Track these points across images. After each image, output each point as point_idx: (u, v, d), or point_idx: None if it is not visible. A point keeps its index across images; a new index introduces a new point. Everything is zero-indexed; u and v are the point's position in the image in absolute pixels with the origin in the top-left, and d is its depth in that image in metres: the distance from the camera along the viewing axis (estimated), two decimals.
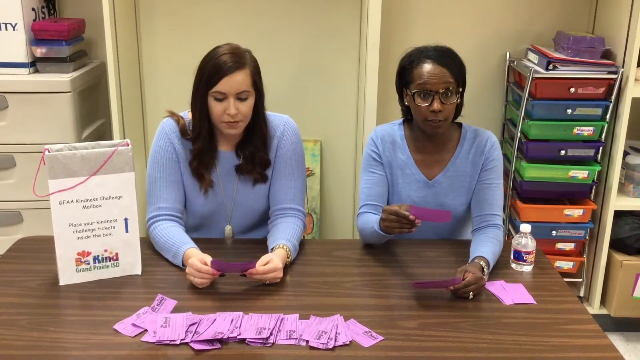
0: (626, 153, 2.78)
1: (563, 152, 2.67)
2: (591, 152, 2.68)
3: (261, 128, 1.95)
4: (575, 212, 2.72)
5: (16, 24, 2.58)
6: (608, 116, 2.64)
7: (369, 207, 2.02)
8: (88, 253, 1.75)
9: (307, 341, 1.48)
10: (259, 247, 1.90)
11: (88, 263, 1.75)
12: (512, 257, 1.88)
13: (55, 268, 1.73)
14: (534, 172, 2.69)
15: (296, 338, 1.50)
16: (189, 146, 1.95)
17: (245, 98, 1.85)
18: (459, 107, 1.98)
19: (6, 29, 2.58)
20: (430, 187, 2.03)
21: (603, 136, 2.67)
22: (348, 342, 1.49)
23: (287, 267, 1.82)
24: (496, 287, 1.76)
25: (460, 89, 1.93)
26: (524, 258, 1.86)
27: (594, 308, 2.84)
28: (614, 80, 2.60)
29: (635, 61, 2.55)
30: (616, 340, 2.84)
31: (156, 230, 1.90)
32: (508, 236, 2.82)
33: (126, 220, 1.77)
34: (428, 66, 1.88)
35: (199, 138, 1.92)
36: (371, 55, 2.60)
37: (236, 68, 1.82)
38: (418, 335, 1.53)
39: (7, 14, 2.57)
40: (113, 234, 1.76)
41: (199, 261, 1.69)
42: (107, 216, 1.74)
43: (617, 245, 2.78)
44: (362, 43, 2.81)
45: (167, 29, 2.92)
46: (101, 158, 1.70)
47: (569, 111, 2.62)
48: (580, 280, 2.87)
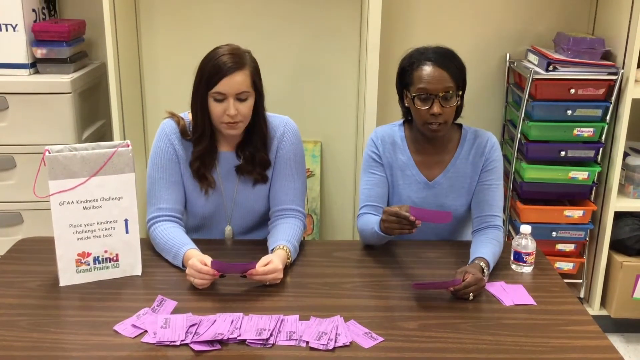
0: (626, 154, 2.77)
1: (563, 153, 2.67)
2: (591, 153, 2.68)
3: (261, 129, 1.95)
4: (575, 213, 2.72)
5: (16, 25, 2.58)
6: (608, 117, 2.64)
7: (369, 208, 2.02)
8: (88, 254, 1.75)
9: (307, 342, 1.48)
10: (259, 248, 1.90)
11: (88, 264, 1.75)
12: (512, 258, 1.88)
13: (55, 269, 1.73)
14: (534, 173, 2.69)
15: (296, 339, 1.50)
16: (189, 147, 1.95)
17: (245, 99, 1.85)
18: (459, 109, 1.97)
19: (6, 30, 2.58)
20: (430, 188, 2.03)
21: (603, 137, 2.67)
22: (348, 343, 1.49)
23: (287, 268, 1.82)
24: (496, 288, 1.76)
25: (460, 92, 1.93)
26: (524, 259, 1.86)
27: (594, 309, 2.83)
28: (614, 81, 2.60)
29: (635, 62, 2.55)
30: (616, 341, 2.84)
31: (156, 231, 1.90)
32: (508, 237, 2.81)
33: (126, 221, 1.77)
34: (428, 69, 1.88)
35: (201, 139, 1.92)
36: (371, 56, 2.60)
37: (236, 69, 1.82)
38: (418, 336, 1.53)
39: (8, 15, 2.57)
40: (113, 235, 1.76)
41: (199, 262, 1.69)
42: (108, 217, 1.74)
43: (617, 246, 2.78)
44: (362, 43, 2.81)
45: (167, 30, 2.92)
46: (101, 159, 1.70)
47: (569, 112, 2.62)
48: (580, 281, 2.86)
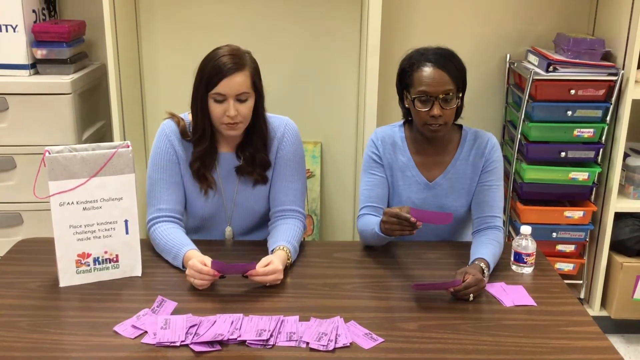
0: (626, 155, 2.77)
1: (563, 154, 2.67)
2: (591, 154, 2.68)
3: (261, 129, 1.95)
4: (575, 214, 2.72)
5: (17, 26, 2.58)
6: (608, 118, 2.64)
7: (369, 209, 2.01)
8: (88, 255, 1.74)
9: (308, 343, 1.48)
10: (259, 249, 1.89)
11: (88, 265, 1.75)
12: (513, 259, 1.88)
13: (55, 270, 1.73)
14: (534, 174, 2.69)
15: (296, 340, 1.50)
16: (190, 148, 1.95)
17: (245, 99, 1.85)
18: (459, 109, 1.97)
19: (7, 31, 2.58)
20: (430, 189, 2.03)
21: (603, 138, 2.67)
22: (348, 344, 1.49)
23: (288, 269, 1.82)
24: (496, 289, 1.76)
25: (460, 93, 1.92)
26: (524, 260, 1.86)
27: (595, 310, 2.83)
28: (614, 82, 2.60)
29: (635, 63, 2.55)
30: (616, 342, 2.84)
31: (156, 231, 1.90)
32: (508, 238, 2.81)
33: (126, 221, 1.77)
34: (428, 70, 1.88)
35: (201, 140, 1.92)
36: (371, 56, 2.60)
37: (236, 69, 1.82)
38: (418, 337, 1.53)
39: (8, 16, 2.57)
40: (113, 236, 1.76)
41: (199, 262, 1.69)
42: (107, 218, 1.74)
43: (618, 247, 2.78)
44: (362, 44, 2.80)
45: (168, 31, 2.92)
46: (101, 160, 1.70)
47: (569, 113, 2.62)
48: (580, 282, 2.86)
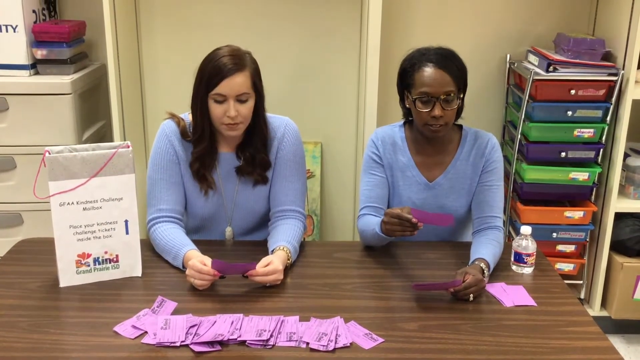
0: (626, 155, 2.77)
1: (563, 154, 2.67)
2: (591, 154, 2.68)
3: (261, 130, 1.95)
4: (575, 214, 2.71)
5: (17, 26, 2.58)
6: (608, 118, 2.64)
7: (370, 209, 2.01)
8: (88, 255, 1.74)
9: (308, 343, 1.48)
10: (260, 249, 1.89)
11: (88, 265, 1.75)
12: (513, 259, 1.88)
13: (55, 270, 1.73)
14: (535, 174, 2.69)
15: (296, 340, 1.50)
16: (190, 148, 1.95)
17: (245, 100, 1.85)
18: (460, 110, 1.97)
19: (7, 31, 2.58)
20: (430, 189, 2.03)
21: (603, 138, 2.67)
22: (348, 344, 1.49)
23: (288, 269, 1.82)
24: (496, 289, 1.76)
25: (461, 94, 1.92)
26: (525, 260, 1.86)
27: (595, 310, 2.83)
28: (615, 82, 2.60)
29: (635, 63, 2.55)
30: (617, 342, 2.84)
31: (156, 232, 1.90)
32: (508, 238, 2.81)
33: (126, 222, 1.77)
34: (429, 71, 1.87)
35: (201, 140, 1.92)
36: (371, 56, 2.60)
37: (236, 70, 1.82)
38: (418, 337, 1.53)
39: (8, 16, 2.57)
40: (113, 236, 1.76)
41: (199, 262, 1.69)
42: (108, 218, 1.74)
43: (618, 247, 2.78)
44: (363, 44, 2.80)
45: (168, 31, 2.92)
46: (101, 160, 1.70)
47: (570, 113, 2.62)
48: (580, 282, 2.86)
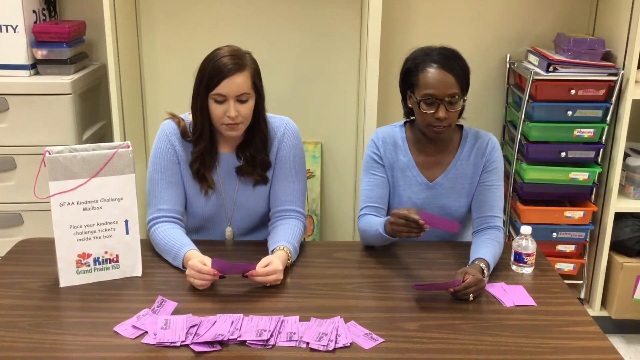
0: (626, 155, 2.78)
1: (563, 154, 2.67)
2: (591, 154, 2.68)
3: (261, 130, 1.95)
4: (575, 214, 2.71)
5: (17, 26, 2.58)
6: (608, 118, 2.64)
7: (370, 209, 2.01)
8: (88, 255, 1.75)
9: (308, 343, 1.48)
10: (260, 249, 1.89)
11: (88, 265, 1.75)
12: (513, 259, 1.88)
13: (55, 270, 1.73)
14: (535, 174, 2.69)
15: (296, 340, 1.50)
16: (190, 148, 1.95)
17: (245, 100, 1.85)
18: (461, 110, 1.97)
19: (7, 31, 2.58)
20: (431, 189, 2.03)
21: (603, 138, 2.67)
22: (348, 344, 1.49)
23: (288, 269, 1.82)
24: (496, 289, 1.76)
25: (464, 95, 1.92)
26: (525, 260, 1.86)
27: (595, 310, 2.83)
28: (615, 82, 2.60)
29: (635, 63, 2.55)
30: (617, 342, 2.84)
31: (157, 232, 1.90)
32: (508, 238, 2.81)
33: (126, 222, 1.77)
34: (434, 72, 1.86)
35: (200, 140, 1.92)
36: (371, 57, 2.59)
37: (236, 70, 1.82)
38: (419, 337, 1.53)
39: (8, 16, 2.57)
40: (113, 236, 1.76)
41: (199, 262, 1.69)
42: (108, 218, 1.74)
43: (618, 247, 2.78)
44: (363, 44, 2.80)
45: (168, 31, 2.92)
46: (102, 160, 1.70)
47: (570, 113, 2.62)
48: (580, 282, 2.86)
